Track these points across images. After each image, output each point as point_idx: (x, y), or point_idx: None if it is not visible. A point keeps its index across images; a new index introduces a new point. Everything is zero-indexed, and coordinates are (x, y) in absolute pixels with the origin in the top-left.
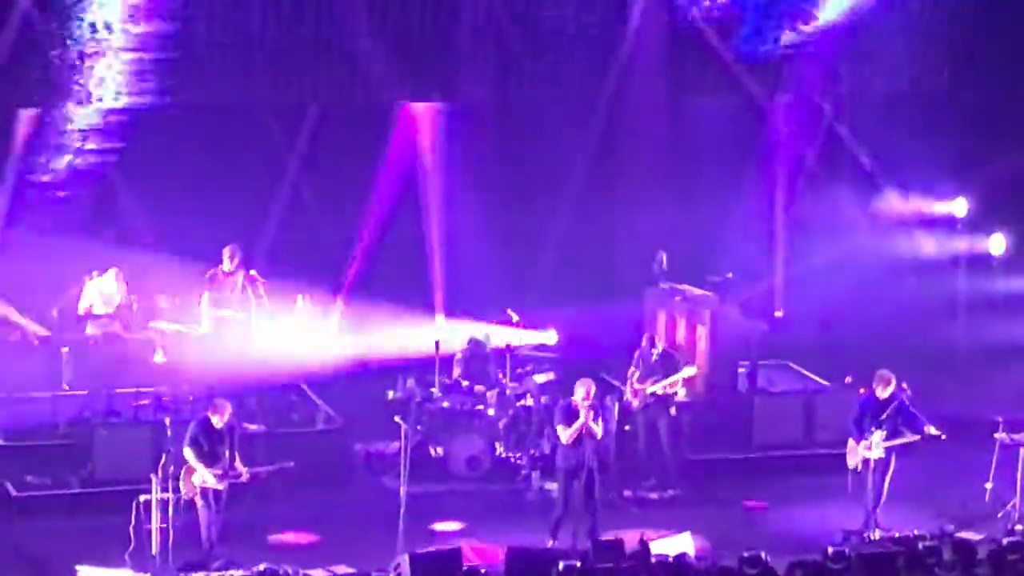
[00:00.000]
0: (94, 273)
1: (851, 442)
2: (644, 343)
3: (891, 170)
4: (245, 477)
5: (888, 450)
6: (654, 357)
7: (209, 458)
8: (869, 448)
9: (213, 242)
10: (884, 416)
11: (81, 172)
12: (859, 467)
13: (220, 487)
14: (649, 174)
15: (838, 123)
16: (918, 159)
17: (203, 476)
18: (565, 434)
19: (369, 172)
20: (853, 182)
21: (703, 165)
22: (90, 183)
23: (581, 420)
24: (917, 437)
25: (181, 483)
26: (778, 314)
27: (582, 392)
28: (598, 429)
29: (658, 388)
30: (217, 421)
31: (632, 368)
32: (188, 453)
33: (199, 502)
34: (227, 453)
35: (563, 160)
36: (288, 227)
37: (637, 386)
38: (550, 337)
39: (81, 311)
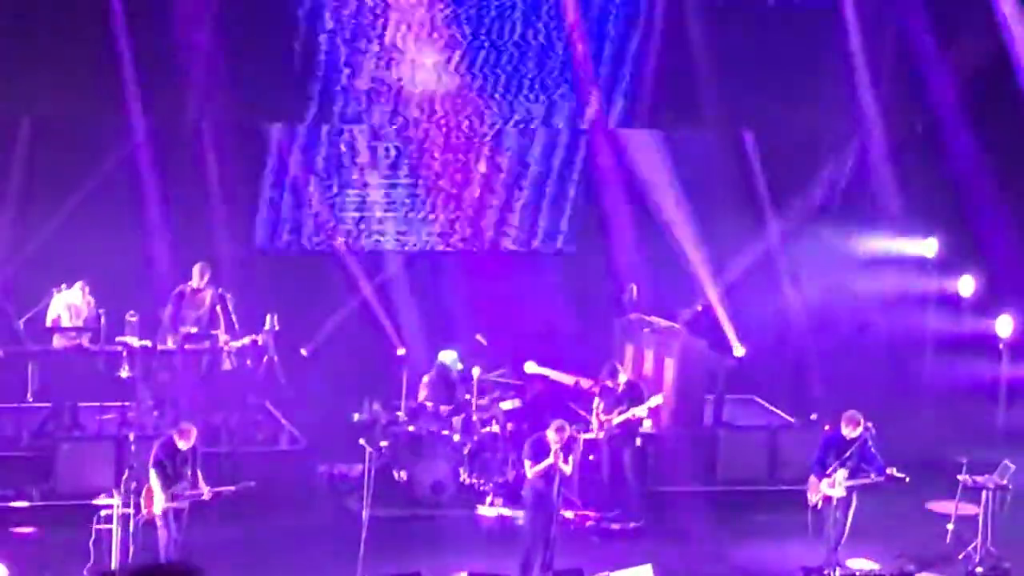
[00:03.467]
0: (62, 286)
1: (812, 479)
2: (605, 374)
3: (862, 208)
4: (207, 496)
5: (850, 489)
6: (620, 388)
7: (172, 479)
8: (832, 486)
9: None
10: (848, 455)
11: None
12: (819, 504)
13: (183, 505)
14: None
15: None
16: (890, 198)
17: (162, 499)
18: (532, 471)
19: None
20: (826, 219)
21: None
22: None
23: (550, 461)
24: (881, 479)
25: (142, 504)
26: (738, 353)
27: (556, 436)
28: (567, 469)
29: (625, 417)
30: (183, 443)
31: (597, 399)
32: (152, 475)
33: (159, 523)
34: (190, 473)
35: None
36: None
37: (603, 417)
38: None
39: (48, 323)
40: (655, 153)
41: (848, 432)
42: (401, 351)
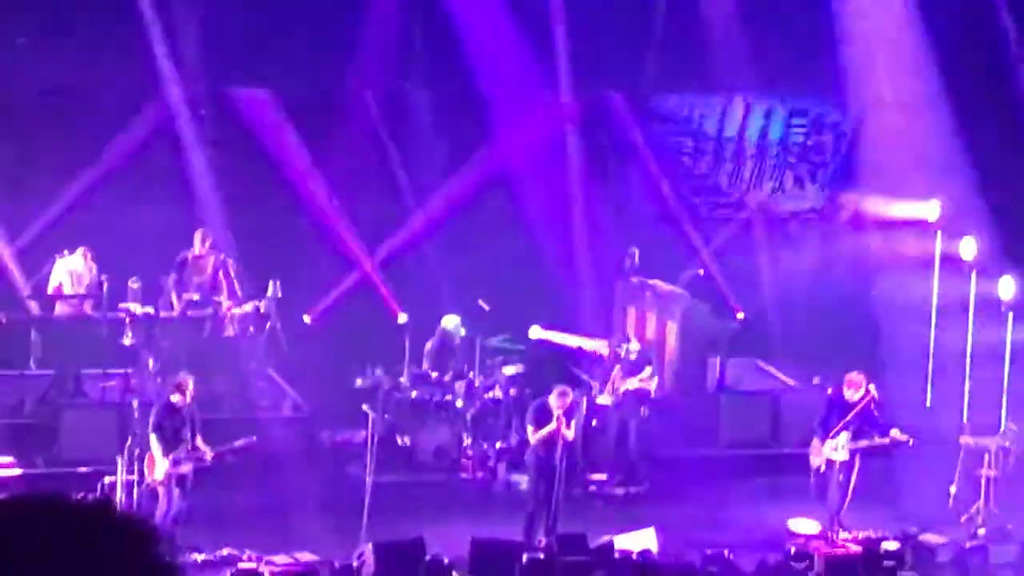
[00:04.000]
0: (64, 252)
1: (815, 442)
2: (618, 339)
3: (866, 170)
4: (209, 457)
5: (852, 452)
6: (632, 355)
7: (173, 442)
8: (835, 449)
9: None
10: (851, 417)
11: None
12: (822, 467)
13: (186, 469)
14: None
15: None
16: (894, 160)
17: (165, 463)
18: (534, 436)
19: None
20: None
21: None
22: None
23: (553, 426)
24: (885, 440)
25: (146, 471)
26: (739, 316)
27: (558, 401)
28: (570, 434)
29: (630, 385)
30: (179, 399)
31: (617, 366)
32: (152, 440)
33: (161, 490)
34: (190, 435)
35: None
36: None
37: (619, 384)
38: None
39: (50, 290)
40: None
41: (851, 395)
42: (402, 318)
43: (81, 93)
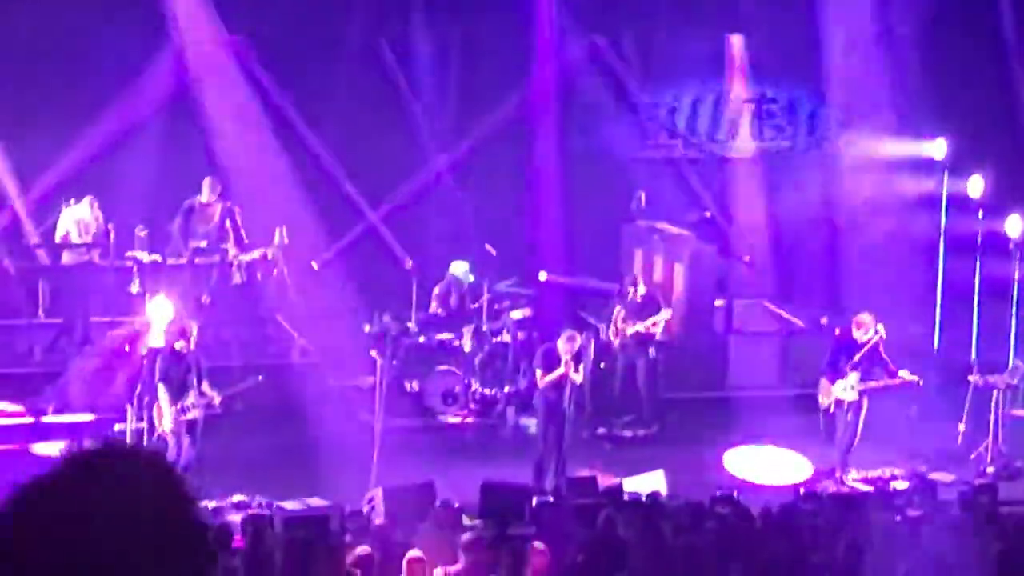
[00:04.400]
0: (71, 201)
1: (824, 382)
2: (626, 283)
3: (869, 109)
4: (216, 401)
5: (862, 392)
6: (637, 298)
7: (179, 390)
8: (844, 389)
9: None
10: (859, 358)
11: None
12: (831, 408)
13: (193, 416)
14: None
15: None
16: (896, 98)
17: (174, 411)
18: (543, 380)
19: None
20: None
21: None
22: None
23: (561, 371)
24: (894, 381)
25: (155, 420)
26: (745, 258)
27: (566, 346)
28: (578, 378)
29: (641, 327)
30: (182, 346)
31: (618, 308)
32: (160, 389)
33: (170, 439)
34: (196, 381)
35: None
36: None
37: (621, 326)
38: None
39: (58, 239)
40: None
41: (860, 335)
42: (409, 264)
43: (88, 39)
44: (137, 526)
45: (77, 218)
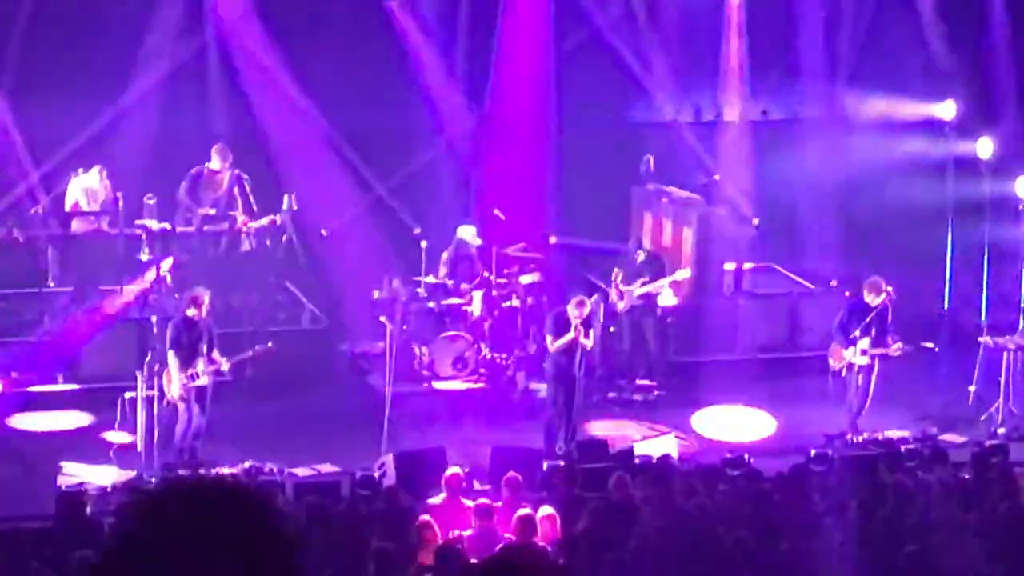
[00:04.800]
0: (79, 170)
1: (835, 346)
2: (631, 245)
3: (878, 71)
4: (226, 368)
5: (873, 356)
6: (640, 259)
7: (190, 357)
8: (855, 353)
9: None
10: (870, 321)
11: None
12: (843, 371)
13: (203, 383)
14: None
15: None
16: (905, 60)
17: (184, 378)
18: (553, 346)
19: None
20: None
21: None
22: None
23: (571, 336)
24: (908, 348)
25: (165, 386)
26: (755, 221)
27: (576, 311)
28: (588, 343)
29: (647, 289)
30: (194, 313)
31: (616, 269)
32: (171, 356)
33: (181, 405)
34: (206, 348)
35: None
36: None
37: (622, 287)
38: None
39: (67, 208)
40: None
41: (871, 299)
42: (417, 230)
43: (99, 6)
44: (230, 556)
45: (86, 187)
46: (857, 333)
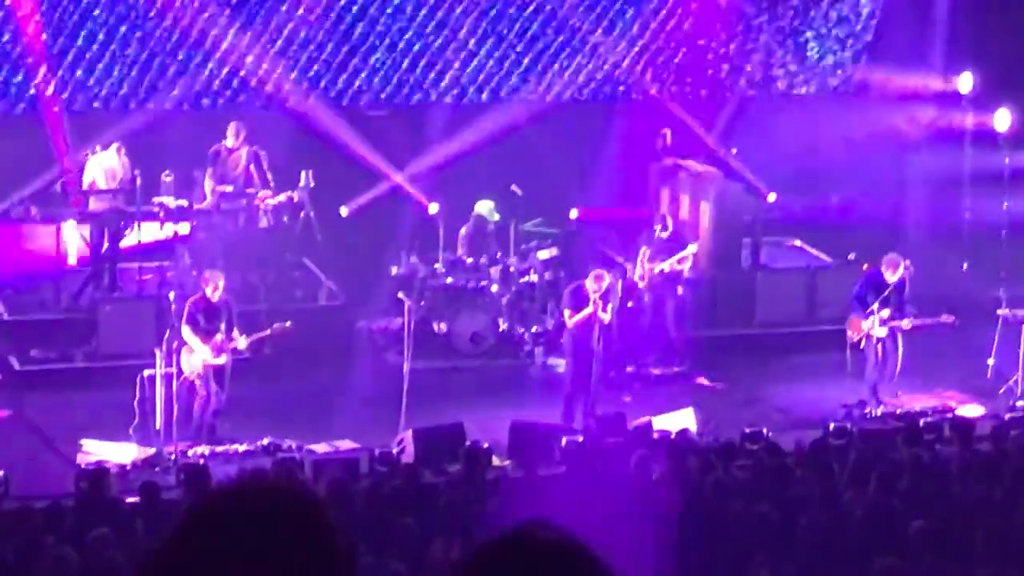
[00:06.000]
0: (97, 148)
1: (854, 318)
2: (657, 223)
3: (894, 44)
4: (243, 346)
5: (893, 329)
6: (664, 236)
7: (206, 334)
8: (874, 325)
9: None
10: (888, 295)
11: None
12: (862, 343)
13: (221, 361)
14: None
15: None
16: (921, 33)
17: (202, 354)
18: (572, 320)
19: None
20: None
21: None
22: None
23: (590, 310)
24: (929, 321)
25: (183, 363)
26: (771, 197)
27: (594, 285)
28: (606, 317)
29: (666, 266)
30: (211, 293)
31: (644, 248)
32: (186, 331)
33: (198, 383)
34: (224, 326)
35: None
36: None
37: (647, 265)
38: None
39: (85, 186)
40: None
41: (889, 275)
42: (434, 208)
43: None
44: (285, 560)
45: (104, 166)
46: (875, 307)
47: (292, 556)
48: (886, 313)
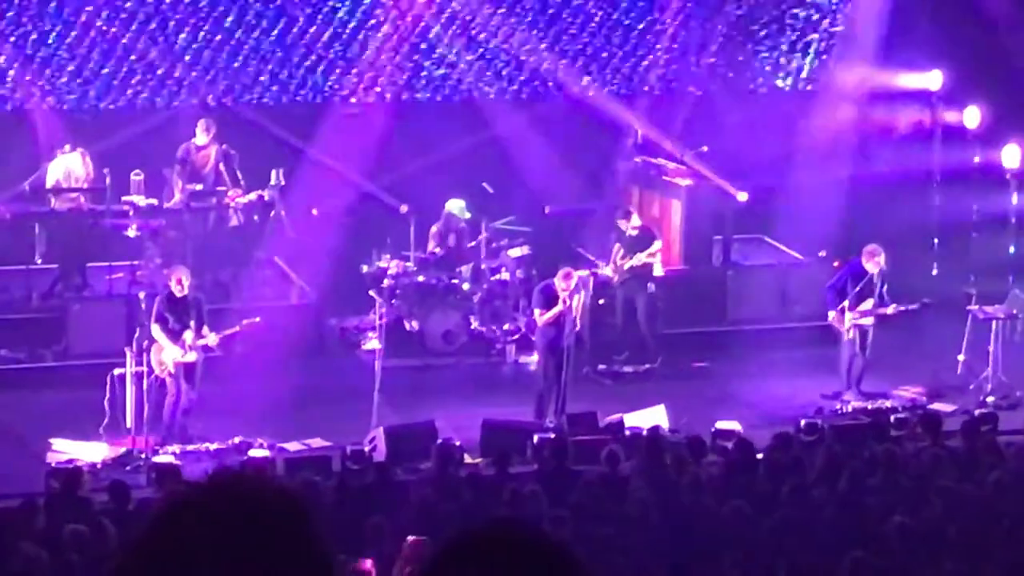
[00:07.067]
0: (65, 147)
1: (837, 311)
2: (620, 219)
3: (863, 41)
4: (214, 343)
5: (877, 318)
6: (632, 232)
7: (177, 332)
8: (860, 316)
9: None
10: (866, 286)
11: None
12: (849, 332)
13: (192, 359)
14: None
15: None
16: (891, 30)
17: (171, 352)
18: (542, 318)
19: None
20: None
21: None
22: None
23: (559, 308)
24: (903, 308)
25: (153, 361)
26: (742, 197)
27: (563, 283)
28: (577, 312)
29: (635, 262)
30: (178, 289)
31: (617, 245)
32: (155, 329)
33: (169, 381)
34: (194, 324)
35: None
36: None
37: (619, 262)
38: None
39: (49, 185)
40: None
41: (869, 265)
42: (404, 208)
43: None
44: (261, 559)
45: (67, 167)
46: (847, 302)
47: (267, 556)
48: (869, 303)
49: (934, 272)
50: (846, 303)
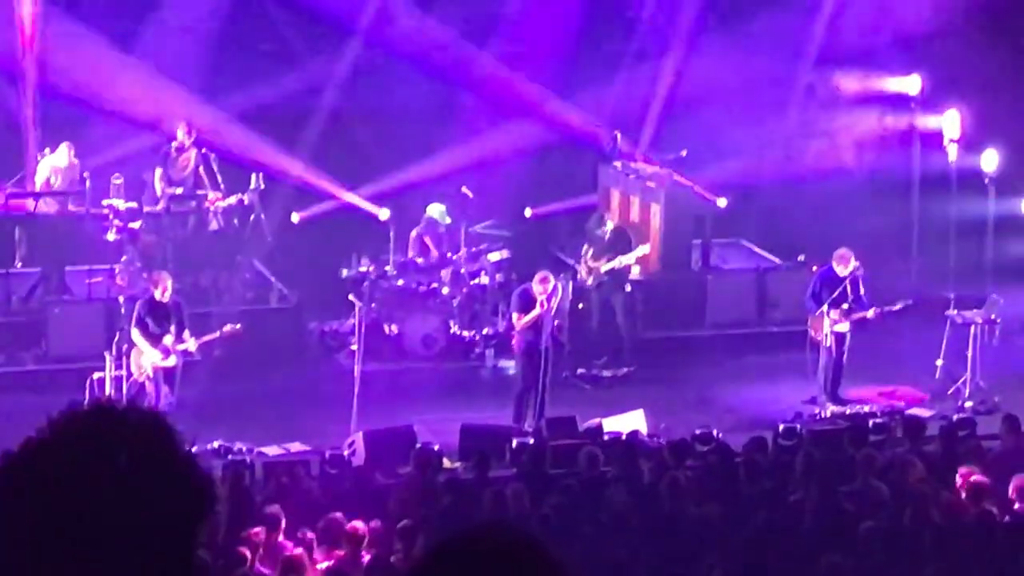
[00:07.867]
0: (46, 150)
1: (818, 316)
2: (592, 220)
3: (843, 45)
4: (193, 348)
5: (853, 323)
6: (606, 234)
7: (156, 336)
8: (837, 321)
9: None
10: (842, 292)
11: None
12: (826, 338)
13: (171, 363)
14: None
15: None
16: (870, 33)
17: (151, 356)
18: (520, 323)
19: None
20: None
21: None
22: None
23: (537, 312)
24: (880, 309)
25: (132, 365)
26: (721, 202)
27: (540, 287)
28: (553, 317)
29: (613, 265)
30: (160, 294)
31: (586, 246)
32: (135, 333)
33: (148, 384)
34: (174, 329)
35: None
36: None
37: (591, 264)
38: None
39: (38, 187)
40: None
41: (841, 270)
42: (384, 214)
43: None
44: (130, 484)
45: (54, 165)
46: (826, 306)
47: (135, 478)
48: (845, 307)
49: (913, 274)
50: (825, 308)
